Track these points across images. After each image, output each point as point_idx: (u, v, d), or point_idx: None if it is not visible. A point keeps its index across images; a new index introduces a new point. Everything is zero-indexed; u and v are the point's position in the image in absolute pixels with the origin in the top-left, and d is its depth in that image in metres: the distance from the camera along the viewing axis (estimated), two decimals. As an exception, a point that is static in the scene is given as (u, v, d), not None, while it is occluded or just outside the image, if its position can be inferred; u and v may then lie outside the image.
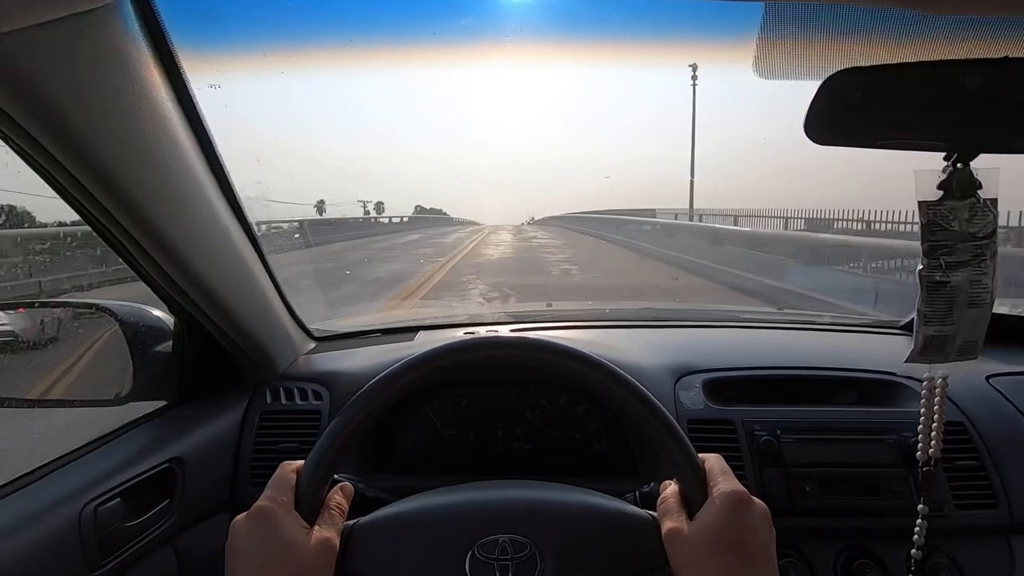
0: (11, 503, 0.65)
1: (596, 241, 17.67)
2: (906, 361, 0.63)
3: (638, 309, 1.73)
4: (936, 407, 0.67)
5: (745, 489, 0.55)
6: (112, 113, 0.56)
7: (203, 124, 0.71)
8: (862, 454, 0.89)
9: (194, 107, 0.68)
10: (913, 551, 0.71)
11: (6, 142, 0.53)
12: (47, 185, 0.60)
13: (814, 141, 0.58)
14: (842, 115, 0.55)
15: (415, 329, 1.28)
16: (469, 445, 1.02)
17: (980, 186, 0.55)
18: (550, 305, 1.73)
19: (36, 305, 0.97)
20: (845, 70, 0.54)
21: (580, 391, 1.01)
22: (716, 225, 13.18)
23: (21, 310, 1.03)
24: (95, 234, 0.68)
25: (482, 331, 1.26)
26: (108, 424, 0.84)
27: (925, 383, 0.68)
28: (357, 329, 1.29)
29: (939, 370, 0.66)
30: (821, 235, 10.28)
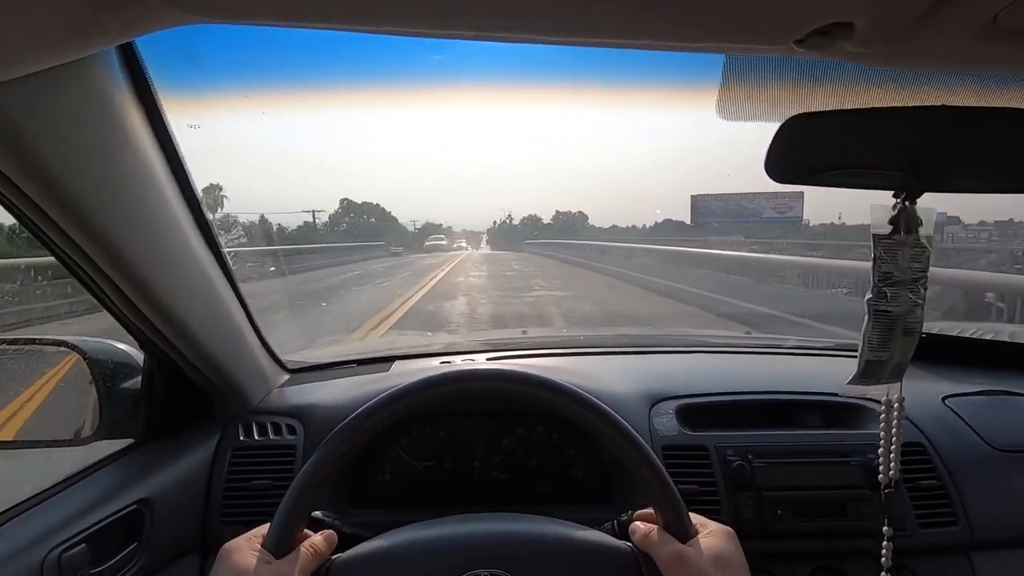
0: None
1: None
2: (848, 383, 0.66)
3: (612, 335, 1.76)
4: (894, 428, 0.71)
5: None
6: (91, 157, 0.56)
7: (181, 162, 0.71)
8: (830, 476, 0.92)
9: (173, 146, 0.69)
10: (882, 574, 0.73)
11: None
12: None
13: (773, 179, 0.61)
14: (797, 156, 0.59)
15: (390, 359, 1.27)
16: (447, 476, 1.01)
17: (921, 224, 0.59)
18: (525, 332, 1.74)
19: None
20: (801, 114, 0.58)
21: (556, 419, 1.02)
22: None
23: None
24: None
25: (458, 360, 1.26)
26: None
27: (883, 406, 0.71)
28: (331, 360, 1.27)
29: (895, 392, 0.70)
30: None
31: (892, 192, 0.61)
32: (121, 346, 0.89)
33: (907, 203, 0.59)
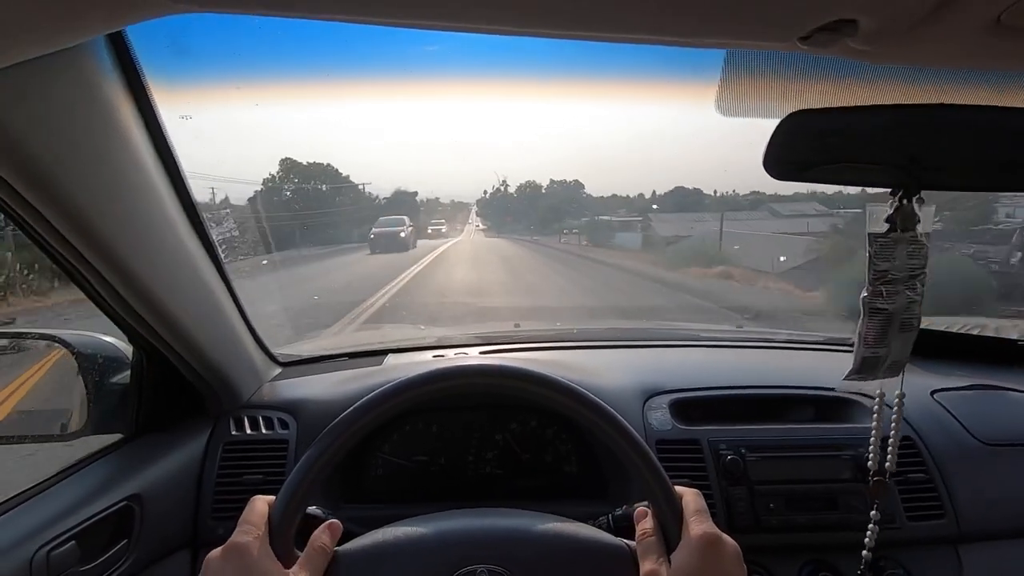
0: None
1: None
2: (844, 379, 0.67)
3: (605, 329, 1.76)
4: (892, 422, 0.72)
5: (718, 530, 0.58)
6: (81, 149, 0.55)
7: (173, 155, 0.69)
8: (821, 470, 0.92)
9: (164, 139, 0.68)
10: (864, 552, 0.75)
11: None
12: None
13: (771, 175, 0.61)
14: (797, 152, 0.59)
15: (383, 352, 1.27)
16: (440, 471, 1.01)
17: (919, 220, 0.60)
18: (518, 326, 1.74)
19: None
20: (800, 111, 0.58)
21: (549, 414, 1.02)
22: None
23: None
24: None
25: (451, 353, 1.25)
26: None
27: (876, 399, 0.72)
28: (324, 353, 1.26)
29: (895, 388, 0.71)
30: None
31: (889, 190, 0.61)
32: (109, 340, 0.88)
33: (904, 201, 0.59)
